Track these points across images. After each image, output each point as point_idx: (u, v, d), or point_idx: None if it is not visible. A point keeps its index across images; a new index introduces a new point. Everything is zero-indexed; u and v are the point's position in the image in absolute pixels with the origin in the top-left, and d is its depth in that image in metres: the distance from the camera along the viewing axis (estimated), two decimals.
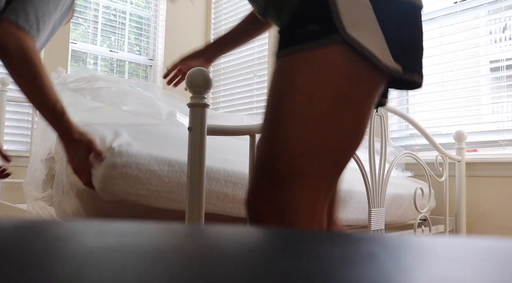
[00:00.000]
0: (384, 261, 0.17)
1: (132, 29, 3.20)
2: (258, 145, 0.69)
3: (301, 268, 0.15)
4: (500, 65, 1.98)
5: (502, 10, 1.99)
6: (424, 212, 1.64)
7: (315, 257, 0.17)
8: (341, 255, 0.18)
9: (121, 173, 1.02)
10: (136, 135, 1.16)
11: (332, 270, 0.15)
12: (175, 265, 0.16)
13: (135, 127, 1.24)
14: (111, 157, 1.04)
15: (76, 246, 0.19)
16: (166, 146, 1.18)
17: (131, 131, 1.18)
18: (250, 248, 0.19)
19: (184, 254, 0.18)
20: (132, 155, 1.05)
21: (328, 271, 0.15)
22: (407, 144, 2.28)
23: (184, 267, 0.15)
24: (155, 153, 1.10)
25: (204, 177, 0.95)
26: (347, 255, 0.18)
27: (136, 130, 1.20)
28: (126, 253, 0.18)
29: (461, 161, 1.93)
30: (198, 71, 0.95)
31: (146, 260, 0.16)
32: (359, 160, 1.35)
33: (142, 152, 1.07)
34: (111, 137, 1.11)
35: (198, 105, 0.95)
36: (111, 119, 1.36)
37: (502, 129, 1.95)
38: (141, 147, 1.10)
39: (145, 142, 1.15)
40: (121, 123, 1.26)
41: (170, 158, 1.11)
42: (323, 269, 0.15)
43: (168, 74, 1.13)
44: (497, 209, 1.91)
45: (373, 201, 1.38)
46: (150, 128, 1.28)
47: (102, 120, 1.30)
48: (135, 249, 0.18)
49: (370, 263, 0.16)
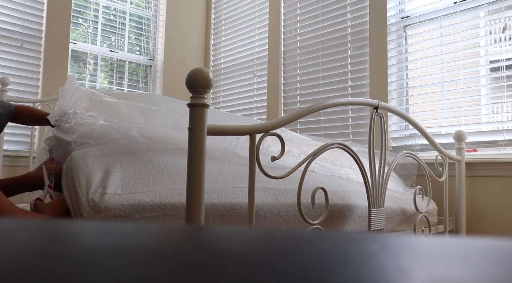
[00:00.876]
0: (384, 261, 0.17)
1: (132, 29, 3.20)
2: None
3: (301, 268, 0.15)
4: (500, 65, 1.98)
5: (502, 10, 1.99)
6: (424, 212, 1.64)
7: (315, 257, 0.17)
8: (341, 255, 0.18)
9: (101, 217, 1.04)
10: (128, 172, 1.12)
11: (332, 270, 0.15)
12: (175, 265, 0.16)
13: (135, 156, 1.19)
14: (92, 208, 1.03)
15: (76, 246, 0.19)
16: (158, 182, 1.14)
17: (126, 165, 1.14)
18: (250, 248, 0.19)
19: (184, 254, 0.18)
20: (111, 209, 1.03)
21: (328, 271, 0.15)
22: (407, 144, 2.28)
23: (184, 267, 0.15)
24: (138, 200, 1.06)
25: (204, 177, 0.95)
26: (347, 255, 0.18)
27: (131, 164, 1.15)
28: (126, 253, 0.18)
29: (461, 161, 1.93)
30: (198, 71, 0.95)
31: (146, 260, 0.16)
32: (359, 159, 1.35)
33: (122, 203, 1.04)
34: (99, 179, 1.09)
35: (198, 105, 0.95)
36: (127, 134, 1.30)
37: (502, 129, 1.95)
38: (125, 190, 1.07)
39: (134, 181, 1.11)
40: (122, 151, 1.21)
41: (154, 203, 1.08)
42: (323, 269, 0.15)
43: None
44: (497, 209, 1.92)
45: (373, 201, 1.38)
46: (151, 156, 1.22)
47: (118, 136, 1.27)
48: (135, 249, 0.18)
49: (370, 263, 0.16)
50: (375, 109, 1.44)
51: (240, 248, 0.19)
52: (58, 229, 0.24)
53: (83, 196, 1.06)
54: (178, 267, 0.15)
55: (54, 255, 0.17)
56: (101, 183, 1.09)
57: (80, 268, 0.15)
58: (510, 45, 2.00)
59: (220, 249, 0.19)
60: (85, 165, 1.13)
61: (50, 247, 0.19)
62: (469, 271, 0.15)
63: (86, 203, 1.04)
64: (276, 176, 1.10)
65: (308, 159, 1.20)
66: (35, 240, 0.20)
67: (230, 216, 1.17)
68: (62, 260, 0.16)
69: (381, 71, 2.36)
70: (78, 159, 1.16)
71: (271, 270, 0.15)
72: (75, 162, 1.15)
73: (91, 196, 1.05)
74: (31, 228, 0.24)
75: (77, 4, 2.90)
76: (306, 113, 1.24)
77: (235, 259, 0.17)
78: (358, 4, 2.52)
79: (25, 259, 0.16)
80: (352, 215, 1.44)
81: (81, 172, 1.11)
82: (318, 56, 2.69)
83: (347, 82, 2.54)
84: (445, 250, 0.19)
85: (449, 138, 2.06)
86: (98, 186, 1.08)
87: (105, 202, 1.04)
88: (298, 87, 2.81)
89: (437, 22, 2.24)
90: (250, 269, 0.15)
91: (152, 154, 1.22)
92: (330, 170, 1.56)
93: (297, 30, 2.86)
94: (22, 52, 2.60)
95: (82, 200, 1.05)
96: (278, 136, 1.09)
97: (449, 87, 2.17)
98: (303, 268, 0.15)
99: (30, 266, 0.15)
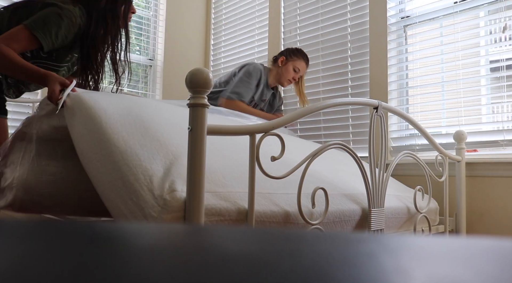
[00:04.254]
0: (384, 261, 0.17)
1: (132, 29, 3.20)
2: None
3: (301, 268, 0.15)
4: (500, 65, 1.98)
5: (502, 10, 1.99)
6: (425, 212, 1.64)
7: (315, 257, 0.17)
8: (341, 255, 0.18)
9: (172, 219, 0.92)
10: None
11: (332, 270, 0.15)
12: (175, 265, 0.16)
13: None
14: (163, 206, 0.91)
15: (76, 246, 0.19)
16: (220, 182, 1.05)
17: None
18: (250, 248, 0.19)
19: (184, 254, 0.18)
20: (182, 209, 0.92)
21: (328, 271, 0.15)
22: (407, 144, 2.28)
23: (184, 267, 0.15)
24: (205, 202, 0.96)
25: (204, 177, 0.95)
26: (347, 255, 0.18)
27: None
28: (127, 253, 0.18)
29: (461, 161, 1.93)
30: (198, 71, 0.95)
31: (146, 260, 0.16)
32: (359, 159, 1.35)
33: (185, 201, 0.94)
34: (160, 176, 0.97)
35: (198, 105, 0.95)
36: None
37: (502, 129, 1.94)
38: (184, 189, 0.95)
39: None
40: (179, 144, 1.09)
41: (222, 207, 0.99)
42: (323, 269, 0.15)
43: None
44: (497, 209, 1.92)
45: (373, 202, 1.38)
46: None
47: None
48: (135, 249, 0.18)
49: (370, 263, 0.16)
50: (375, 109, 1.44)
51: (240, 248, 0.19)
52: (57, 229, 0.24)
53: (146, 192, 0.94)
54: (178, 266, 0.15)
55: (53, 255, 0.17)
56: (164, 177, 0.97)
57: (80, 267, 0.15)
58: (510, 45, 2.00)
59: (220, 249, 0.19)
60: (133, 153, 1.01)
61: (49, 247, 0.19)
62: (469, 271, 0.15)
63: (154, 201, 0.93)
64: (276, 176, 1.10)
65: (308, 159, 1.20)
66: (35, 239, 0.20)
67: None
68: (62, 260, 0.16)
69: (381, 71, 2.36)
70: (120, 144, 1.04)
71: (271, 270, 0.15)
72: (116, 147, 1.03)
73: (158, 192, 0.93)
74: (31, 228, 0.24)
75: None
76: (306, 113, 1.24)
77: (235, 259, 0.17)
78: (358, 4, 2.52)
79: (26, 258, 0.16)
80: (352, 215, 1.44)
81: (131, 161, 0.99)
82: (318, 56, 2.69)
83: (347, 82, 2.54)
84: (445, 250, 0.19)
85: (449, 138, 2.06)
86: (164, 181, 0.96)
87: (177, 200, 0.93)
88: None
89: (437, 22, 2.24)
90: (250, 269, 0.15)
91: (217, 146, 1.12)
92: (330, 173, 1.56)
93: (297, 30, 2.86)
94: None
95: (145, 197, 0.94)
96: (278, 136, 1.09)
97: (449, 87, 2.17)
98: (303, 268, 0.15)
99: (30, 265, 0.15)
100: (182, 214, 0.93)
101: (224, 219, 1.01)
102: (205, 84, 0.94)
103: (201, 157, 0.94)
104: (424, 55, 2.26)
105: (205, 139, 0.95)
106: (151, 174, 0.98)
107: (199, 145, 0.94)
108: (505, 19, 1.97)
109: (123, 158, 1.02)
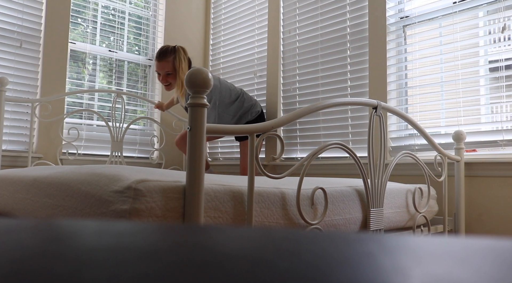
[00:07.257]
0: (383, 261, 0.17)
1: (131, 29, 3.20)
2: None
3: (300, 268, 0.15)
4: (499, 65, 1.98)
5: (501, 10, 1.99)
6: (424, 212, 1.65)
7: (315, 257, 0.17)
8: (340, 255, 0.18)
9: None
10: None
11: (331, 270, 0.15)
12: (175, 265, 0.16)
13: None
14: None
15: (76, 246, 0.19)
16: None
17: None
18: (250, 248, 0.19)
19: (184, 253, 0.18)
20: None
21: (327, 271, 0.15)
22: (406, 144, 2.28)
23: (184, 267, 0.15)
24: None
25: (203, 177, 0.95)
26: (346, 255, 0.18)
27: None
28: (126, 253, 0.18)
29: (460, 161, 1.93)
30: (197, 71, 0.95)
31: (145, 260, 0.16)
32: (358, 159, 1.35)
33: None
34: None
35: (197, 105, 0.95)
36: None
37: (501, 129, 1.95)
38: None
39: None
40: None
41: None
42: (322, 269, 0.15)
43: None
44: (496, 209, 1.92)
45: (372, 201, 1.38)
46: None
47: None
48: (135, 249, 0.18)
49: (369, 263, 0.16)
50: (374, 109, 1.44)
51: (240, 248, 0.19)
52: (57, 229, 0.24)
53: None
54: (178, 266, 0.15)
55: (54, 255, 0.17)
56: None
57: (79, 267, 0.15)
58: (509, 45, 2.01)
59: (220, 249, 0.19)
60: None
61: (50, 247, 0.19)
62: (468, 270, 0.15)
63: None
64: (276, 176, 1.10)
65: (308, 159, 1.20)
66: (35, 240, 0.20)
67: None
68: (62, 260, 0.16)
69: (380, 71, 2.36)
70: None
71: (271, 270, 0.15)
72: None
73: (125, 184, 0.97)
74: (31, 228, 0.24)
75: (76, 4, 2.89)
76: (305, 113, 1.24)
77: (235, 259, 0.17)
78: (357, 4, 2.52)
79: (26, 258, 0.16)
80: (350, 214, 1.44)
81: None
82: (317, 56, 2.69)
83: (346, 82, 2.54)
84: (444, 250, 0.19)
85: (448, 138, 2.07)
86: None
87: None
88: (297, 87, 2.81)
89: (436, 22, 2.24)
90: (250, 269, 0.15)
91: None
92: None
93: (296, 30, 2.86)
94: (21, 52, 2.59)
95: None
96: (278, 136, 1.09)
97: (448, 87, 2.17)
98: (303, 268, 0.15)
99: (26, 264, 0.15)
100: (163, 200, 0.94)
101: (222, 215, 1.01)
102: (205, 84, 0.94)
103: (200, 157, 0.94)
104: (423, 55, 2.26)
105: (204, 138, 0.95)
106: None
107: (198, 144, 0.94)
108: (504, 19, 1.97)
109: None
